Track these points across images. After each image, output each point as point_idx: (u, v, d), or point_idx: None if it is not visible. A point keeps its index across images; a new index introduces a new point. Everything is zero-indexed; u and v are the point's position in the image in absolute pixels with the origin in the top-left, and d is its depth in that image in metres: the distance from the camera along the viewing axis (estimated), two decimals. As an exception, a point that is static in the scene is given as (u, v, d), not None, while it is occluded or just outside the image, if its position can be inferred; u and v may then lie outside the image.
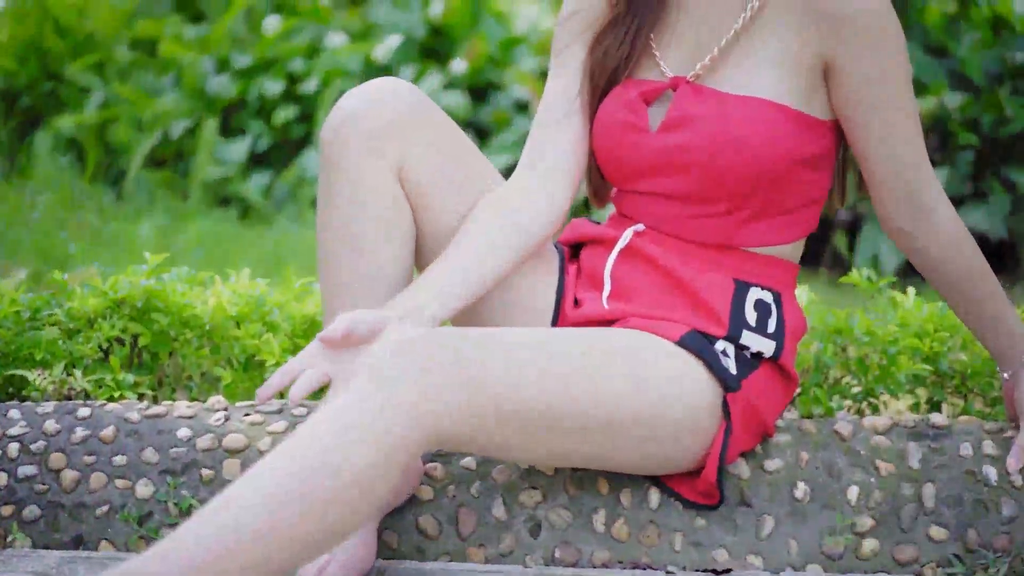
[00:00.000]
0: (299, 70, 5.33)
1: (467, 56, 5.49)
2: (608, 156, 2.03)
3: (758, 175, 1.93)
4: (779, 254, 2.01)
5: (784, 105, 1.93)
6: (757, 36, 1.96)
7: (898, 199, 1.98)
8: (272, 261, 4.22)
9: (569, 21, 2.09)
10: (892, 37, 1.91)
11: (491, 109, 5.42)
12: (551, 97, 2.07)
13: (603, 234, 2.07)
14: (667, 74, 2.00)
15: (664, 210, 2.01)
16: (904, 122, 1.95)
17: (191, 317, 2.38)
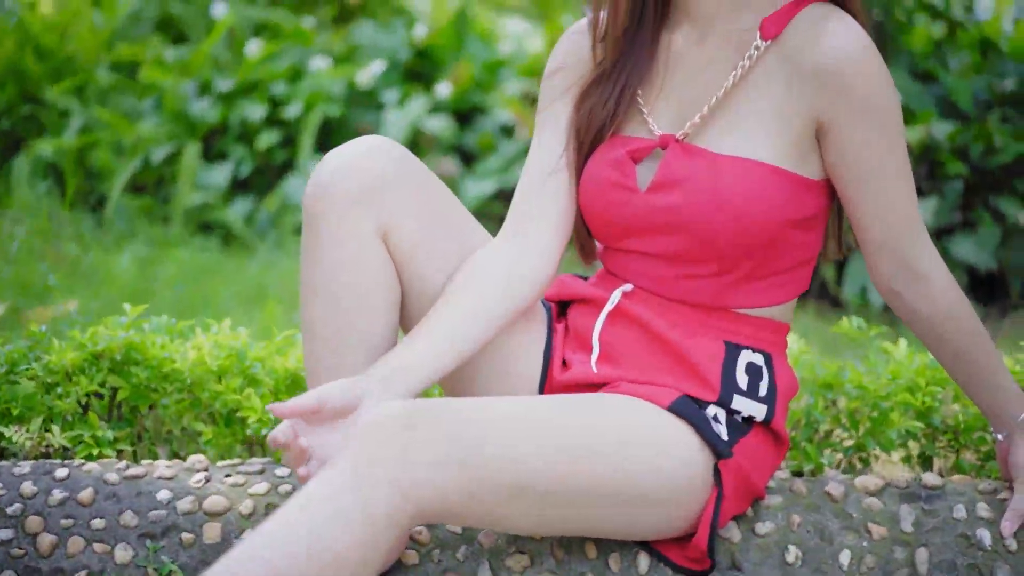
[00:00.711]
0: (282, 94, 5.29)
1: (452, 79, 5.45)
2: (596, 215, 2.00)
3: (750, 238, 1.90)
4: (770, 315, 1.98)
5: (777, 167, 1.89)
6: (748, 95, 1.92)
7: (892, 263, 1.95)
8: (254, 293, 4.18)
9: (553, 78, 2.05)
10: (886, 100, 1.88)
11: (476, 133, 5.38)
12: (536, 155, 2.04)
13: (591, 294, 2.03)
14: (655, 132, 1.97)
15: (653, 270, 1.97)
16: (898, 186, 1.92)
17: (171, 371, 2.34)
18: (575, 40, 2.06)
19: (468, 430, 1.72)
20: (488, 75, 5.55)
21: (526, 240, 1.99)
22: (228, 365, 2.37)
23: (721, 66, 1.95)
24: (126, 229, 4.94)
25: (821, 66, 1.87)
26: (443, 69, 5.59)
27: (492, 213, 5.30)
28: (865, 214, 1.93)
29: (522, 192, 2.03)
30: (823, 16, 1.89)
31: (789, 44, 1.90)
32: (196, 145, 5.12)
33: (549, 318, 2.07)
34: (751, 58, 1.92)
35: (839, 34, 1.87)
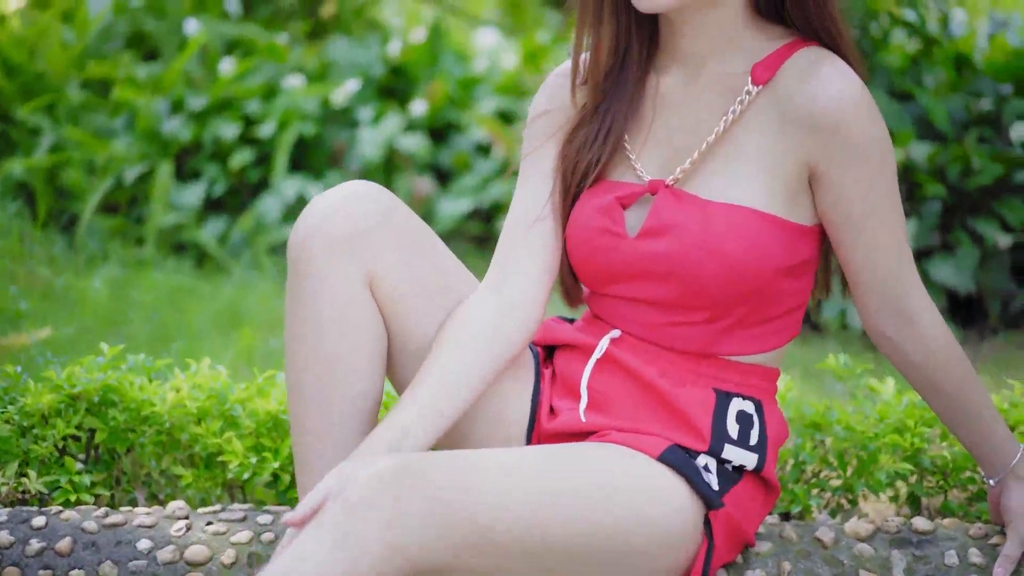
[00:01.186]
0: (256, 112, 5.24)
1: (427, 96, 5.42)
2: (583, 261, 1.97)
3: (741, 286, 1.87)
4: (760, 361, 1.96)
5: (768, 214, 1.87)
6: (740, 140, 1.90)
7: (882, 306, 1.93)
8: (229, 316, 4.13)
9: (537, 122, 2.02)
10: (880, 145, 1.86)
11: (451, 151, 5.35)
12: (521, 201, 2.01)
13: (578, 340, 2.01)
14: (644, 177, 1.94)
15: (642, 316, 1.95)
16: (890, 231, 1.90)
17: (151, 414, 2.30)
18: (559, 83, 2.03)
19: (457, 485, 1.69)
20: (463, 92, 5.52)
21: (513, 291, 1.96)
22: (208, 407, 2.33)
23: (711, 111, 1.92)
24: (99, 250, 4.89)
25: (814, 113, 1.85)
26: (418, 86, 5.55)
27: (468, 232, 5.27)
28: (857, 259, 1.91)
29: (507, 239, 2.00)
30: (815, 61, 1.87)
31: (781, 89, 1.88)
32: (169, 164, 5.07)
33: (536, 363, 2.04)
34: (742, 103, 1.90)
35: (832, 80, 1.84)
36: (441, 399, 1.86)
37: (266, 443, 2.30)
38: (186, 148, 5.24)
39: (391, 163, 5.25)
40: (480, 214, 5.30)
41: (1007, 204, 4.09)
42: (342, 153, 5.25)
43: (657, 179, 1.93)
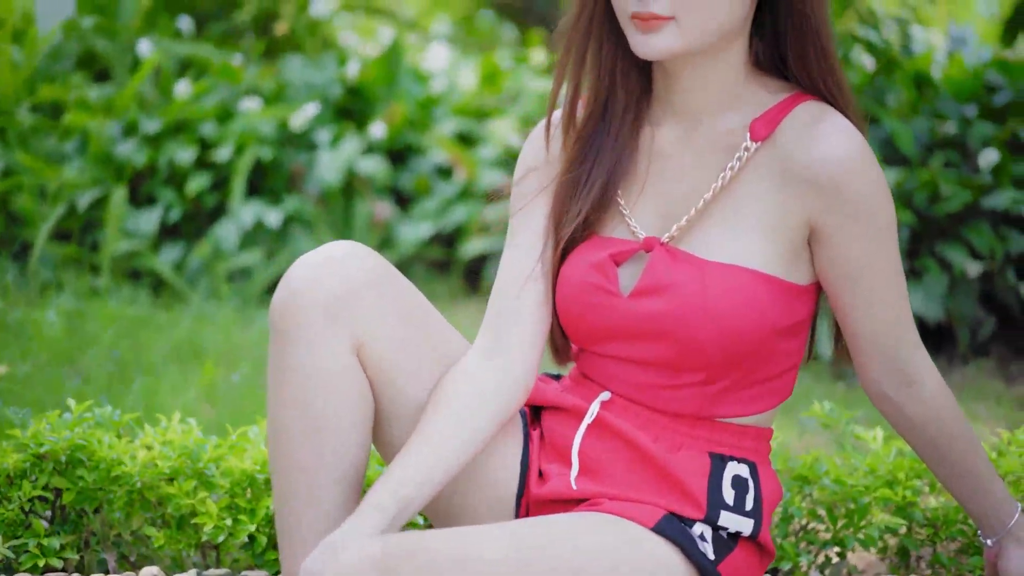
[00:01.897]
0: (211, 135, 5.14)
1: (386, 118, 5.35)
2: (575, 320, 1.92)
3: (738, 348, 1.83)
4: (755, 422, 1.91)
5: (767, 274, 1.82)
6: (737, 198, 1.85)
7: (882, 367, 1.89)
8: (190, 350, 4.04)
9: (524, 179, 1.96)
10: (882, 204, 1.82)
11: (412, 174, 5.29)
12: (511, 261, 1.95)
13: (566, 402, 1.95)
14: (638, 233, 1.88)
15: (634, 377, 1.89)
16: (891, 290, 1.86)
17: (121, 474, 2.22)
18: (544, 137, 1.97)
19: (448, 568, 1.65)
20: (422, 114, 5.46)
21: (507, 357, 1.91)
22: (181, 466, 2.26)
23: (708, 167, 1.87)
24: (52, 279, 4.78)
25: (815, 172, 1.80)
26: (376, 107, 5.47)
27: (429, 257, 5.21)
28: (857, 318, 1.87)
29: (499, 300, 1.94)
30: (816, 117, 1.83)
31: (781, 146, 1.83)
32: (123, 189, 4.97)
33: (525, 425, 1.98)
34: (740, 159, 1.85)
35: (834, 138, 1.80)
36: (437, 469, 1.80)
37: (241, 504, 2.23)
38: (140, 173, 5.14)
39: (350, 187, 5.17)
40: (441, 239, 5.23)
41: (975, 230, 4.07)
42: (300, 177, 5.17)
43: (652, 236, 1.87)
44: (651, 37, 1.78)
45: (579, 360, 1.99)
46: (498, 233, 4.91)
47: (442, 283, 5.08)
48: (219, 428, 3.29)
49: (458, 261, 5.13)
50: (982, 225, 4.09)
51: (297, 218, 5.05)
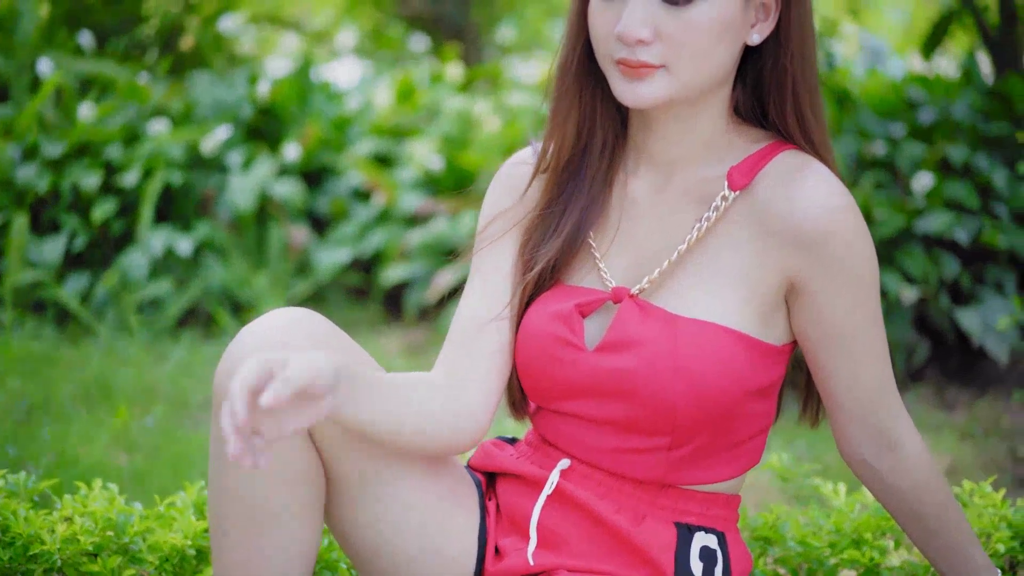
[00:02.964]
0: (117, 159, 4.93)
1: (299, 139, 5.17)
2: (535, 374, 1.80)
3: (708, 411, 1.71)
4: (723, 489, 1.81)
5: (741, 332, 1.72)
6: (713, 250, 1.74)
7: (863, 432, 1.80)
8: (99, 388, 3.84)
9: (492, 216, 1.85)
10: (865, 260, 1.72)
11: (327, 197, 5.11)
12: (473, 297, 1.83)
13: (523, 470, 1.83)
14: (608, 282, 1.77)
15: (595, 439, 1.77)
16: (874, 351, 1.77)
17: (40, 552, 2.05)
18: (517, 173, 1.87)
19: None
20: (337, 134, 5.29)
21: (464, 399, 1.79)
22: (104, 541, 2.09)
23: (684, 217, 1.77)
24: (-50, 313, 4.55)
25: (797, 226, 1.70)
26: (289, 127, 5.29)
27: (347, 283, 5.04)
28: (838, 381, 1.78)
29: (458, 338, 1.82)
30: (797, 168, 1.73)
31: (760, 196, 1.73)
32: (24, 216, 4.73)
33: (480, 496, 1.86)
34: (717, 210, 1.75)
35: (817, 190, 1.70)
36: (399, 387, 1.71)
37: (173, 582, 2.07)
38: (43, 198, 4.91)
39: (264, 211, 4.99)
40: (360, 264, 5.07)
41: (909, 255, 4.02)
42: (211, 201, 4.97)
43: (622, 287, 1.76)
44: (638, 85, 1.68)
45: (536, 420, 1.87)
46: (419, 259, 4.76)
47: (361, 311, 4.92)
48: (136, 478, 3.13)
49: (378, 288, 4.97)
50: (916, 250, 4.03)
51: (209, 245, 4.85)
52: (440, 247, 4.71)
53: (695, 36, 1.66)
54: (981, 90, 4.66)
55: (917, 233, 4.06)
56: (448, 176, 4.96)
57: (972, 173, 4.21)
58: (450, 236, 4.69)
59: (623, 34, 1.66)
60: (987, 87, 4.65)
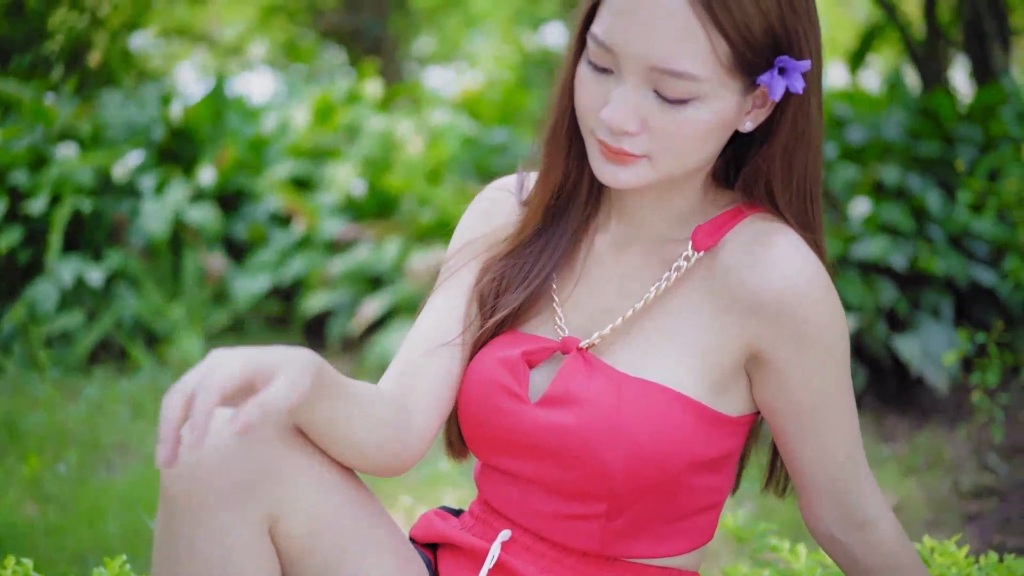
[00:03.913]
0: (24, 184, 4.72)
1: (214, 161, 4.99)
2: (477, 423, 1.68)
3: (647, 478, 1.59)
4: (678, 564, 1.69)
5: (692, 399, 1.60)
6: (672, 312, 1.63)
7: (831, 507, 1.69)
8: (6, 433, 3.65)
9: (464, 243, 1.76)
10: (835, 333, 1.61)
11: (245, 222, 4.94)
12: (435, 315, 1.73)
13: (465, 541, 1.71)
14: (562, 331, 1.66)
15: (535, 502, 1.65)
16: (843, 426, 1.66)
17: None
18: (499, 199, 1.78)
19: None
20: (253, 155, 5.11)
21: (406, 420, 1.66)
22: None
23: (644, 275, 1.66)
24: None
25: (763, 297, 1.58)
26: (203, 149, 5.11)
27: (267, 312, 4.87)
28: (806, 455, 1.66)
29: (407, 358, 1.71)
30: (765, 233, 1.61)
31: (725, 260, 1.62)
32: (-77, 247, 4.53)
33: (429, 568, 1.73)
34: (679, 270, 1.63)
35: (785, 259, 1.58)
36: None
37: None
38: (-57, 227, 4.70)
39: (178, 238, 4.80)
40: (280, 292, 4.90)
41: (846, 281, 3.95)
42: (123, 228, 4.77)
43: (572, 337, 1.65)
44: (617, 168, 1.58)
45: (480, 482, 1.76)
46: (342, 287, 4.61)
47: (281, 340, 4.75)
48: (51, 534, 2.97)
49: (299, 317, 4.80)
50: (852, 276, 3.96)
51: (121, 274, 4.65)
52: (364, 275, 4.56)
53: (685, 135, 1.55)
54: (908, 107, 4.62)
55: (853, 259, 3.98)
56: (371, 200, 4.81)
57: (906, 196, 4.15)
58: (374, 264, 4.54)
59: (609, 123, 1.54)
60: (914, 103, 4.61)
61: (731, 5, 1.48)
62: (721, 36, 1.50)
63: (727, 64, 1.51)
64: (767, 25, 1.51)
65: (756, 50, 1.51)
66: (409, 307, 4.34)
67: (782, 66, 1.53)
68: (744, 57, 1.51)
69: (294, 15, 7.87)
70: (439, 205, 4.56)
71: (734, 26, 1.49)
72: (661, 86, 1.52)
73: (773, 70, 1.53)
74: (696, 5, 1.48)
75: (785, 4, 1.51)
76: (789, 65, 1.53)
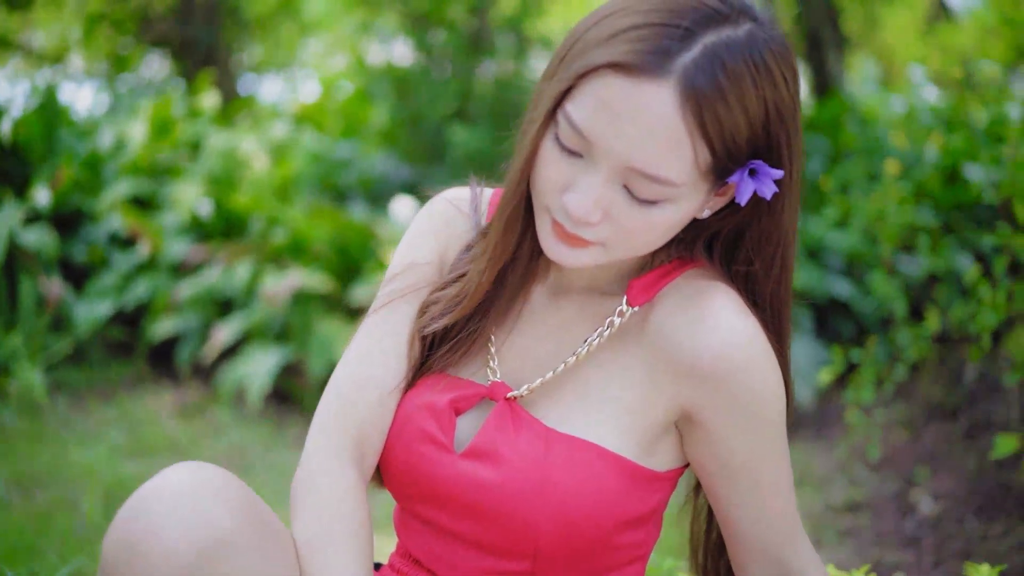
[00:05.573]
0: None
1: (50, 181, 4.76)
2: (399, 468, 1.61)
3: (573, 540, 1.54)
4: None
5: (620, 456, 1.54)
6: (604, 366, 1.58)
7: (764, 564, 1.65)
8: None
9: (412, 269, 1.68)
10: (772, 396, 1.57)
11: (83, 245, 4.72)
12: (380, 352, 1.65)
13: None
14: (493, 375, 1.60)
15: (458, 557, 1.59)
16: (779, 485, 1.62)
17: None
18: (452, 214, 1.71)
19: None
20: (90, 174, 4.89)
21: (345, 450, 1.60)
22: None
23: (578, 327, 1.61)
24: None
25: (698, 360, 1.53)
26: (37, 168, 4.87)
27: (110, 338, 4.66)
28: (739, 514, 1.63)
29: (358, 398, 1.63)
30: (701, 292, 1.55)
31: (659, 319, 1.56)
32: None
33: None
34: (612, 325, 1.57)
35: (722, 323, 1.53)
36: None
37: None
38: None
39: (13, 262, 4.56)
40: (123, 318, 4.69)
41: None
42: (-48, 256, 4.52)
43: (501, 384, 1.58)
44: (570, 252, 1.51)
45: (400, 530, 1.68)
46: (191, 311, 4.43)
47: (125, 367, 4.55)
48: None
49: (144, 343, 4.60)
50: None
51: (-49, 303, 4.41)
52: (213, 299, 4.39)
53: (646, 231, 1.48)
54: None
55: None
56: (217, 220, 4.64)
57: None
58: (224, 287, 4.37)
59: (572, 212, 1.47)
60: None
61: (721, 116, 1.41)
62: (706, 145, 1.43)
63: (704, 170, 1.45)
64: (752, 135, 1.44)
65: (736, 158, 1.46)
66: (263, 332, 4.19)
67: (754, 168, 1.48)
68: (723, 164, 1.45)
69: (120, 24, 7.58)
70: (291, 225, 4.42)
71: (720, 136, 1.42)
72: (634, 185, 1.45)
73: (744, 170, 1.47)
74: (687, 114, 1.40)
75: (772, 112, 1.45)
76: (762, 169, 1.47)
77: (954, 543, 3.09)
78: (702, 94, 1.40)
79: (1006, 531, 3.10)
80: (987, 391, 4.06)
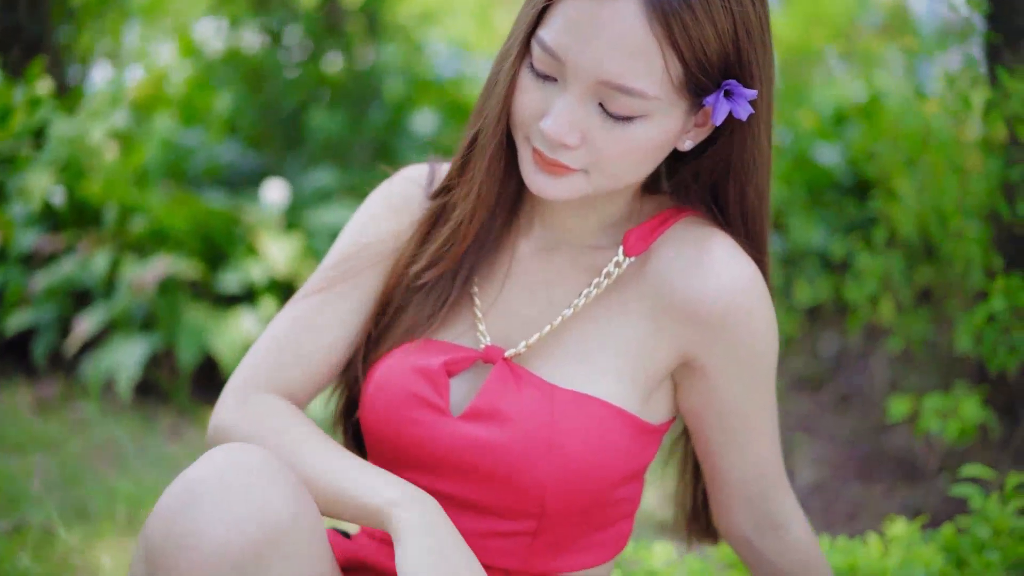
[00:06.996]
0: None
1: None
2: (389, 437, 1.59)
3: (580, 495, 1.56)
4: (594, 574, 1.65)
5: (622, 409, 1.56)
6: (601, 320, 1.59)
7: (747, 510, 1.70)
8: None
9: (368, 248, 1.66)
10: (768, 344, 1.61)
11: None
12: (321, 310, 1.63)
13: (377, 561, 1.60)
14: (483, 340, 1.57)
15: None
16: (766, 432, 1.67)
17: None
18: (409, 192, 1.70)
19: None
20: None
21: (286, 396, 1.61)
22: None
23: (570, 282, 1.61)
24: None
25: (698, 304, 1.56)
26: None
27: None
28: (726, 459, 1.67)
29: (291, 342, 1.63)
30: (700, 238, 1.58)
31: (657, 267, 1.58)
32: None
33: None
34: (609, 276, 1.58)
35: (721, 267, 1.56)
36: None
37: None
38: None
39: None
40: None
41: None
42: None
43: (496, 347, 1.57)
44: (549, 180, 1.51)
45: None
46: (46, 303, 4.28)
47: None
48: None
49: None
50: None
51: None
52: (70, 289, 4.25)
53: (625, 153, 1.49)
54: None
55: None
56: (70, 210, 4.49)
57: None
58: (81, 277, 4.23)
59: (548, 134, 1.47)
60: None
61: (689, 26, 1.43)
62: (676, 56, 1.45)
63: (678, 84, 1.47)
64: (722, 49, 1.47)
65: (708, 73, 1.48)
66: (128, 322, 4.07)
67: (728, 89, 1.50)
68: (695, 79, 1.47)
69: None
70: (151, 213, 4.30)
71: (690, 47, 1.44)
72: (608, 101, 1.46)
73: (719, 92, 1.49)
74: (655, 23, 1.42)
75: (741, 29, 1.47)
76: (736, 90, 1.50)
77: (840, 506, 3.19)
78: (668, 4, 1.42)
79: (889, 491, 3.22)
80: (850, 363, 4.20)
